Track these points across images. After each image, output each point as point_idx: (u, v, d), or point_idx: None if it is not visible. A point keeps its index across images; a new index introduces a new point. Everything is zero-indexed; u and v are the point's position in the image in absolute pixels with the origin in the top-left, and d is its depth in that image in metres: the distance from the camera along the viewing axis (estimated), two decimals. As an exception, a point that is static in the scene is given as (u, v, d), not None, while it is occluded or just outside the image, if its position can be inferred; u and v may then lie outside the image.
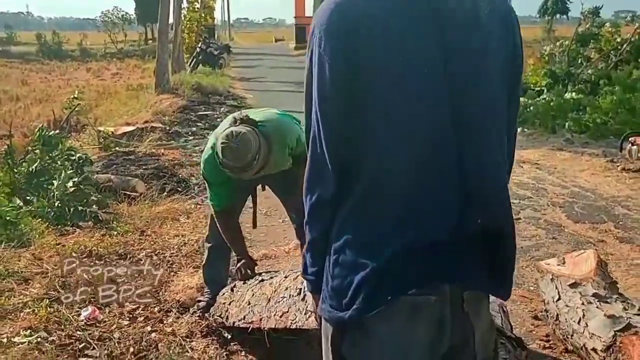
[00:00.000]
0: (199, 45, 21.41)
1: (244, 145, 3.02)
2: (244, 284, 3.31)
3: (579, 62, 13.35)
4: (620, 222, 5.42)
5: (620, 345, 2.79)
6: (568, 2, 38.41)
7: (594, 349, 2.94)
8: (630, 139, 7.76)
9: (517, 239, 4.72)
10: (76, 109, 9.36)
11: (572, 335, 3.15)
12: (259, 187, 3.73)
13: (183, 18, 21.52)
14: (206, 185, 3.48)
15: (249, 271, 3.42)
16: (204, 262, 3.75)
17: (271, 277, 3.01)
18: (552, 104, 9.85)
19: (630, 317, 2.95)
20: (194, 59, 20.48)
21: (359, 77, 1.34)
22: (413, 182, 1.38)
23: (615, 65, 13.11)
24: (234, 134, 3.04)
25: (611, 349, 2.82)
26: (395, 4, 1.35)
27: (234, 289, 3.37)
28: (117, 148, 8.27)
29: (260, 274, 3.36)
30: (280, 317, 2.56)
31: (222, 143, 3.03)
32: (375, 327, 1.42)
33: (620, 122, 8.79)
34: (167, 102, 12.43)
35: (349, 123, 1.37)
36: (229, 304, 3.31)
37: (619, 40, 14.16)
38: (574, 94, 10.55)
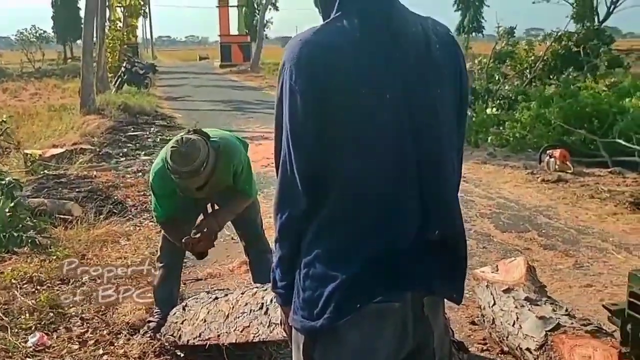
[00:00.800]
0: (124, 65, 21.04)
1: (193, 150, 3.13)
2: (196, 302, 3.38)
3: (497, 79, 14.06)
4: (543, 231, 5.79)
5: (552, 343, 3.03)
6: (483, 21, 40.25)
7: (527, 349, 3.18)
8: (547, 152, 8.27)
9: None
10: (6, 131, 9.08)
11: (507, 337, 3.39)
12: (209, 206, 3.81)
13: (106, 37, 21.12)
14: (152, 196, 3.54)
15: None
16: (155, 282, 3.78)
17: (225, 295, 3.08)
18: (474, 119, 10.33)
19: (559, 318, 3.21)
20: (119, 79, 20.12)
21: (328, 105, 1.48)
22: (379, 200, 1.53)
23: (530, 82, 13.90)
24: (183, 139, 3.17)
25: (543, 348, 3.07)
26: (361, 35, 1.51)
27: (186, 307, 3.43)
28: (46, 171, 8.09)
29: (212, 291, 3.43)
30: (242, 331, 2.63)
31: (171, 147, 3.15)
32: (346, 333, 1.55)
33: (538, 135, 9.33)
34: (95, 123, 12.20)
35: (320, 148, 1.51)
36: (181, 323, 3.37)
37: (532, 58, 15.03)
38: (494, 109, 11.10)
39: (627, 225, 5.84)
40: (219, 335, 2.88)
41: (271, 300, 2.37)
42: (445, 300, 1.73)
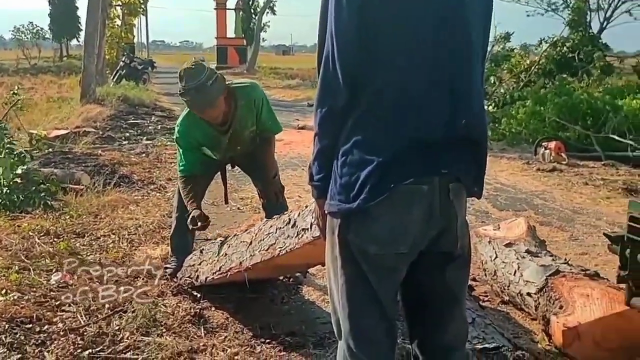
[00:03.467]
0: (123, 59, 21.19)
1: (199, 68, 3.41)
2: (214, 244, 3.53)
3: (493, 81, 14.33)
4: (540, 210, 5.99)
5: (552, 285, 3.21)
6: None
7: (528, 294, 3.35)
8: (543, 144, 8.50)
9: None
10: (17, 104, 9.20)
11: (508, 287, 3.57)
12: (229, 166, 3.98)
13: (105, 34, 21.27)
14: (178, 153, 3.69)
15: (199, 221, 3.57)
16: (172, 231, 3.93)
17: (246, 231, 3.23)
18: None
19: (558, 265, 3.40)
20: (117, 73, 20.27)
21: (371, 6, 1.66)
22: (412, 93, 1.71)
23: (525, 85, 14.17)
24: (192, 62, 3.45)
25: (544, 290, 3.24)
26: None
27: (203, 250, 3.59)
28: (50, 150, 8.21)
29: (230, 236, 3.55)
30: (267, 250, 2.77)
31: (180, 73, 3.41)
32: (379, 212, 1.72)
33: (533, 130, 9.57)
34: (96, 110, 12.33)
35: (361, 42, 1.69)
36: (199, 264, 3.52)
37: (528, 62, 15.32)
38: (490, 108, 11.34)
39: (621, 207, 6.02)
40: (241, 263, 3.02)
41: (299, 214, 2.52)
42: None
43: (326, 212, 1.84)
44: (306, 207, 2.48)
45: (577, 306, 2.98)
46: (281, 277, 3.84)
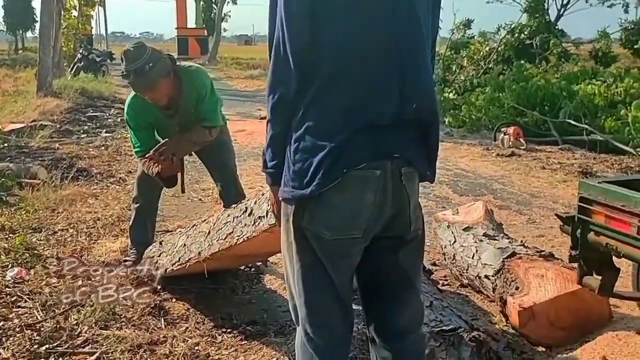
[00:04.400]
0: (80, 52, 20.75)
1: (138, 49, 3.40)
2: (172, 236, 3.50)
3: (453, 69, 14.47)
4: (498, 195, 6.10)
5: (508, 267, 3.28)
6: (440, 20, 40.91)
7: (486, 276, 3.42)
8: (502, 130, 8.64)
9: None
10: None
11: (467, 270, 3.63)
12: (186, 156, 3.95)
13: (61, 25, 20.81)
14: (129, 131, 3.71)
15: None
16: (130, 222, 3.89)
17: (205, 221, 3.21)
18: (432, 102, 10.65)
19: (514, 247, 3.47)
20: (75, 65, 19.85)
21: None
22: (362, 77, 1.72)
23: (484, 72, 14.34)
24: (132, 44, 3.46)
25: (500, 272, 3.31)
26: None
27: (162, 242, 3.56)
28: (6, 144, 8.02)
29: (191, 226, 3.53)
30: (225, 239, 2.76)
31: (122, 54, 3.41)
32: (332, 197, 1.72)
33: (492, 117, 9.71)
34: (53, 103, 12.07)
35: (310, 25, 1.69)
36: (159, 256, 3.49)
37: (487, 49, 15.49)
38: (450, 95, 11.47)
39: (576, 190, 6.15)
40: (199, 253, 3.01)
41: (255, 202, 2.52)
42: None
43: (280, 198, 1.84)
44: (262, 194, 2.48)
45: (532, 287, 3.05)
46: (242, 267, 3.84)
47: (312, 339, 1.84)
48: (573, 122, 8.84)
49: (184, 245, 3.22)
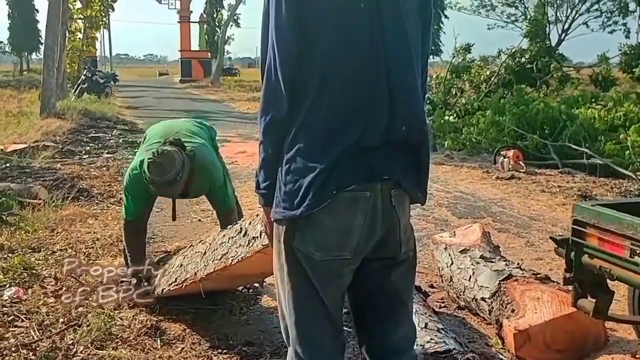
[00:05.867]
0: (84, 73, 20.96)
1: (168, 162, 3.35)
2: (169, 258, 3.52)
3: (454, 92, 14.56)
4: (497, 217, 6.11)
5: (504, 290, 3.28)
6: (440, 44, 41.30)
7: (482, 298, 3.42)
8: (501, 153, 8.68)
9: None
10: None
11: (464, 292, 3.63)
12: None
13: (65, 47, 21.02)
14: (124, 196, 3.72)
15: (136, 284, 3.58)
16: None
17: (201, 241, 3.23)
18: (433, 125, 10.71)
19: (511, 270, 3.48)
20: (79, 87, 20.03)
21: (308, 9, 1.70)
22: (351, 99, 1.74)
23: (485, 95, 14.43)
24: (159, 151, 3.39)
25: (497, 294, 3.31)
26: None
27: (160, 262, 3.57)
28: (7, 164, 8.06)
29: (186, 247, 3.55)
30: (220, 259, 2.78)
31: (148, 159, 3.35)
32: (322, 218, 1.74)
33: (492, 139, 9.76)
34: (56, 124, 12.15)
35: (299, 49, 1.72)
36: (155, 277, 3.50)
37: (487, 73, 15.62)
38: (451, 117, 11.53)
39: (575, 213, 6.18)
40: (195, 273, 3.02)
41: (250, 222, 2.54)
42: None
43: (272, 219, 1.86)
44: (257, 215, 2.49)
45: (528, 309, 3.05)
46: (240, 288, 3.84)
47: (302, 359, 1.85)
48: (573, 146, 8.88)
49: (181, 265, 3.23)
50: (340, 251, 1.76)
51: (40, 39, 43.93)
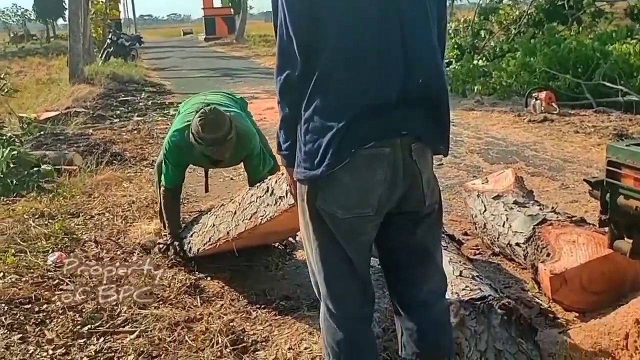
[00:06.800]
0: (109, 37, 20.98)
1: (220, 117, 3.37)
2: (203, 215, 3.58)
3: (482, 35, 14.22)
4: (530, 161, 6.03)
5: (539, 234, 3.26)
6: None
7: (517, 244, 3.41)
8: (533, 95, 8.49)
9: (442, 179, 5.17)
10: (3, 89, 9.16)
11: (498, 238, 3.62)
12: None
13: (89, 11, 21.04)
14: (164, 164, 3.74)
15: (174, 251, 3.69)
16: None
17: (232, 200, 3.27)
18: (462, 70, 10.52)
19: (545, 214, 3.44)
20: (105, 51, 20.08)
21: None
22: (366, 56, 1.73)
23: (514, 37, 14.05)
24: (209, 109, 3.38)
25: (531, 239, 3.29)
26: None
27: (194, 221, 3.63)
28: (42, 132, 8.20)
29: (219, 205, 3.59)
30: (250, 219, 2.83)
31: (199, 119, 3.33)
32: (343, 176, 1.75)
33: (523, 82, 9.54)
34: (85, 90, 12.27)
35: (311, 10, 1.70)
36: (191, 236, 3.57)
37: (517, 13, 15.16)
38: (480, 61, 11.30)
39: (611, 153, 6.06)
40: (228, 232, 3.07)
41: (276, 182, 2.56)
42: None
43: (294, 179, 1.87)
44: (282, 174, 2.51)
45: (563, 253, 3.03)
46: (275, 244, 3.90)
47: (334, 314, 1.88)
48: (608, 84, 8.63)
49: (213, 225, 3.29)
50: (362, 208, 1.78)
51: (64, 4, 44.05)
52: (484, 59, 11.54)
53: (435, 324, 1.98)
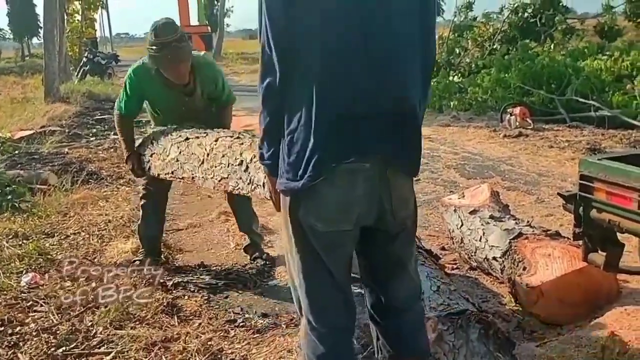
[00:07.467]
0: (85, 55, 20.83)
1: (171, 24, 3.53)
2: (164, 137, 3.59)
3: (457, 52, 14.37)
4: (506, 176, 6.10)
5: (515, 248, 3.29)
6: (443, 3, 40.66)
7: (494, 258, 3.44)
8: (508, 110, 8.61)
9: (420, 194, 5.19)
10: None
11: (475, 252, 3.64)
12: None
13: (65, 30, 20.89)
14: (122, 93, 3.78)
15: (134, 165, 3.78)
16: (139, 220, 3.94)
17: (197, 137, 3.31)
18: (438, 86, 10.63)
19: (521, 228, 3.48)
20: (81, 69, 19.94)
21: None
22: (340, 70, 1.74)
23: (489, 53, 14.23)
24: (163, 19, 3.55)
25: (508, 253, 3.33)
26: None
27: (154, 141, 3.65)
28: (16, 152, 8.10)
29: (179, 130, 3.59)
30: (219, 181, 2.89)
31: (152, 30, 3.48)
32: (324, 190, 1.77)
33: (498, 98, 9.68)
34: (61, 109, 12.15)
35: (289, 23, 1.72)
36: (150, 156, 3.62)
37: (491, 30, 15.37)
38: (456, 77, 11.43)
39: (584, 167, 6.15)
40: (193, 178, 3.16)
41: (251, 159, 2.58)
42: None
43: (277, 190, 1.88)
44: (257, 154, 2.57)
45: (539, 266, 3.06)
46: (253, 261, 3.90)
47: (315, 327, 1.88)
48: (580, 99, 8.79)
49: (177, 160, 3.35)
50: (342, 223, 1.80)
51: (39, 23, 43.76)
52: (459, 75, 11.68)
53: (411, 328, 2.02)
